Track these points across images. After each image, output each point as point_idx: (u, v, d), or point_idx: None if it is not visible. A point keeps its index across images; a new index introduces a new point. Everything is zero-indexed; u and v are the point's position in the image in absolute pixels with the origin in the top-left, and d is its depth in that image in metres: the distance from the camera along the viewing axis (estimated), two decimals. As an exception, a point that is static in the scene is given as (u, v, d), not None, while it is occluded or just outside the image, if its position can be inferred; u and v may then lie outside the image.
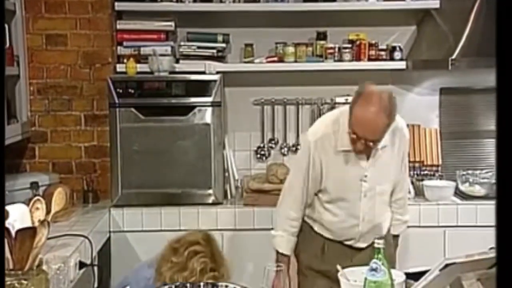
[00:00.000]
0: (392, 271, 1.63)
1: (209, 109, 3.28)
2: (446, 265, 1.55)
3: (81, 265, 2.58)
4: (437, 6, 3.50)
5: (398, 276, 1.74)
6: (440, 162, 3.69)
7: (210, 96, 3.27)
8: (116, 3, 3.42)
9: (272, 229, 2.56)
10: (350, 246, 2.44)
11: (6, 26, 2.92)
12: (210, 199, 3.30)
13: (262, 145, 3.77)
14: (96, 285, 2.74)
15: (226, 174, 3.50)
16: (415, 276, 1.74)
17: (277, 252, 2.47)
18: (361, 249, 2.45)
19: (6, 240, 1.66)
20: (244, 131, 3.75)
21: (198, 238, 2.06)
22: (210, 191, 3.29)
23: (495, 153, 0.76)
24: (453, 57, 3.28)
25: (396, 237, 2.60)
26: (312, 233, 2.47)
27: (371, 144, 2.22)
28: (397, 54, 3.59)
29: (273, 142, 3.77)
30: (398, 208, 2.54)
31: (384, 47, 3.61)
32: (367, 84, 2.26)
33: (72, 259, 2.45)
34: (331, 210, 2.41)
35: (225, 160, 3.48)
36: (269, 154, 3.77)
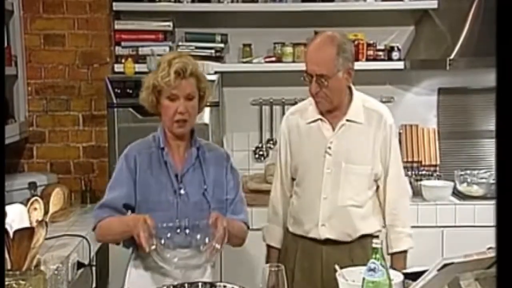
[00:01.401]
0: (390, 271, 1.64)
1: (207, 109, 3.27)
2: (444, 265, 1.55)
3: (79, 265, 2.57)
4: (435, 6, 3.51)
5: (396, 276, 1.74)
6: (438, 162, 3.69)
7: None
8: (114, 3, 3.42)
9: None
10: (317, 241, 2.25)
11: (5, 26, 2.91)
12: (208, 199, 3.29)
13: (260, 145, 3.78)
14: (94, 285, 2.74)
15: (224, 174, 3.49)
16: (413, 276, 1.74)
17: (267, 246, 2.45)
18: (329, 245, 2.25)
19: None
20: (242, 131, 3.75)
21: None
22: (208, 191, 3.29)
23: (495, 152, 0.76)
24: (451, 57, 3.28)
25: (402, 253, 2.30)
26: (289, 236, 2.37)
27: (322, 83, 2.11)
28: (395, 54, 3.59)
29: (271, 142, 3.77)
30: (394, 219, 2.28)
31: (382, 47, 3.62)
32: None
33: (70, 259, 2.45)
34: (298, 193, 2.32)
35: (223, 160, 3.47)
36: (267, 154, 3.77)
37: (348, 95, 2.26)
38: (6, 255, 1.65)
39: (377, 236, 2.27)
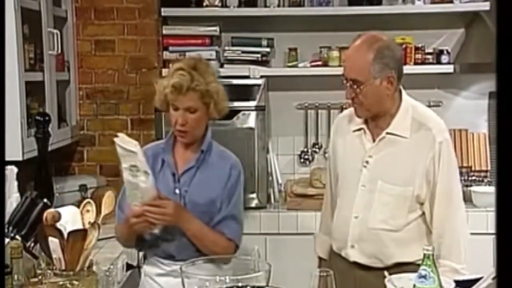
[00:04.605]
0: (442, 278, 1.60)
1: (253, 113, 3.29)
2: (499, 274, 1.51)
3: (128, 266, 2.62)
4: (487, 8, 3.42)
5: (448, 283, 1.70)
6: (489, 168, 3.60)
7: (254, 100, 3.29)
8: (162, 9, 3.47)
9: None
10: (349, 262, 2.08)
11: (59, 32, 2.99)
12: (254, 203, 3.30)
13: (305, 149, 3.76)
14: (142, 286, 2.78)
15: (270, 178, 3.50)
16: (465, 284, 1.71)
17: (318, 258, 2.34)
18: (361, 269, 2.06)
19: (58, 241, 1.70)
20: (288, 135, 3.75)
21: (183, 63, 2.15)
22: (254, 195, 3.30)
23: (496, 157, 0.74)
24: (503, 60, 3.20)
25: None
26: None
27: (356, 88, 1.94)
28: (444, 58, 3.52)
29: (316, 146, 3.76)
30: (439, 249, 1.99)
31: (430, 50, 3.56)
32: None
33: (120, 260, 2.50)
34: (338, 205, 2.14)
35: (268, 164, 3.49)
36: (313, 159, 3.76)
37: (397, 103, 2.02)
38: (61, 256, 1.70)
39: (418, 265, 1.98)
